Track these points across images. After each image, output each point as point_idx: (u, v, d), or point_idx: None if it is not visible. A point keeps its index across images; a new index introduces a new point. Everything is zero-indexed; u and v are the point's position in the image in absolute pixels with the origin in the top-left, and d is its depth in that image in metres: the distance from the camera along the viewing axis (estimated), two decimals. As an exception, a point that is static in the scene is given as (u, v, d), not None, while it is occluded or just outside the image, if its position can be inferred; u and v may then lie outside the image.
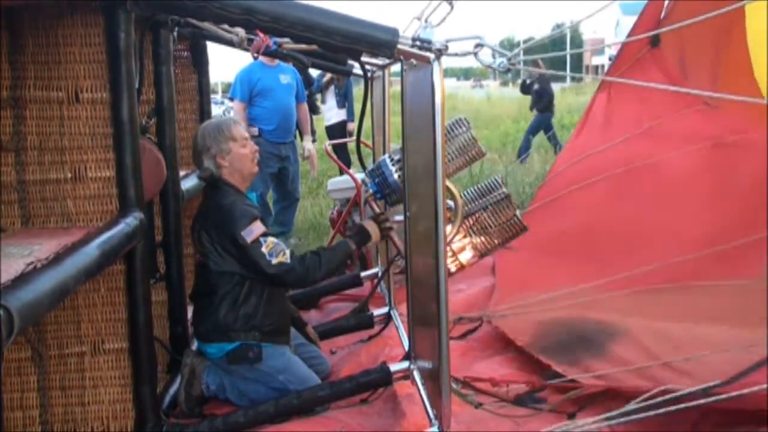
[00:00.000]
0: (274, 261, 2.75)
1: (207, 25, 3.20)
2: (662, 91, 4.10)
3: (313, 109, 8.67)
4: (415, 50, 2.10)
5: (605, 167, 4.32)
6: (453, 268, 2.75)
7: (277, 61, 5.83)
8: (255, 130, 5.89)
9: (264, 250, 2.75)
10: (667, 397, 2.24)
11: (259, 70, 5.88)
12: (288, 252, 2.80)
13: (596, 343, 3.03)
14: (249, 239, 2.75)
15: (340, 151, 7.56)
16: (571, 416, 2.57)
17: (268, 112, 5.93)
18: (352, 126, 8.48)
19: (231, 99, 6.36)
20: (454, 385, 2.71)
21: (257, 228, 2.77)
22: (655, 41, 4.44)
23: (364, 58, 2.93)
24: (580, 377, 2.76)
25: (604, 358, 2.92)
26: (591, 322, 3.22)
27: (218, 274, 2.85)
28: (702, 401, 2.21)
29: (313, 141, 7.35)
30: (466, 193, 2.81)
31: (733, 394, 2.16)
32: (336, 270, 3.03)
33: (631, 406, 2.27)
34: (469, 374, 3.00)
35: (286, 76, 6.04)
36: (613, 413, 2.29)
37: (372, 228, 2.95)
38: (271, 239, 2.79)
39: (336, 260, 2.89)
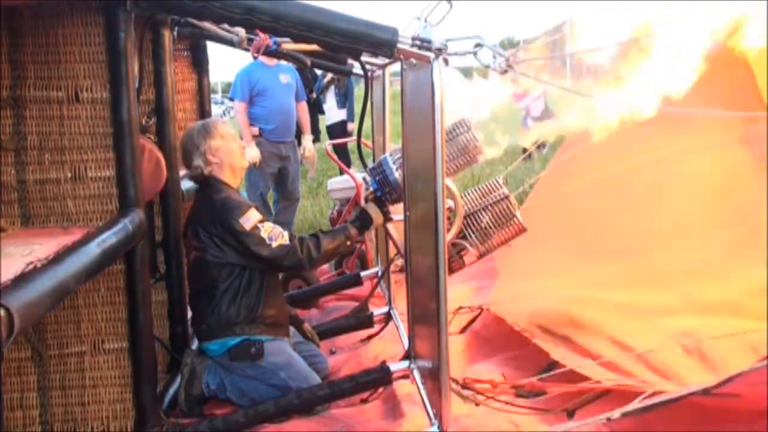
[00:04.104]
0: (274, 244, 2.80)
1: (207, 25, 3.20)
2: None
3: (320, 109, 8.68)
4: (414, 50, 2.10)
5: (603, 162, 4.31)
6: (452, 268, 2.74)
7: (276, 61, 5.83)
8: (255, 130, 5.90)
9: (263, 234, 2.80)
10: (667, 398, 2.24)
11: (258, 70, 5.88)
12: (286, 234, 2.84)
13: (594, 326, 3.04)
14: (247, 226, 2.79)
15: (340, 151, 7.56)
16: (570, 415, 2.57)
17: (269, 112, 5.93)
18: (352, 126, 8.48)
19: (231, 99, 6.36)
20: (453, 386, 2.71)
21: (254, 215, 2.83)
22: None
23: (364, 58, 2.93)
24: (578, 368, 2.76)
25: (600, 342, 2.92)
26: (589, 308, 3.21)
27: (218, 267, 2.86)
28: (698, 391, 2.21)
29: (318, 141, 7.34)
30: (466, 194, 2.81)
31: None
32: (334, 254, 3.07)
33: (630, 407, 2.27)
34: (468, 373, 2.99)
35: (286, 75, 6.04)
36: (614, 413, 2.29)
37: (374, 211, 2.96)
38: (268, 224, 2.85)
39: (334, 244, 2.92)
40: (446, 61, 2.06)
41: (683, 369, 2.69)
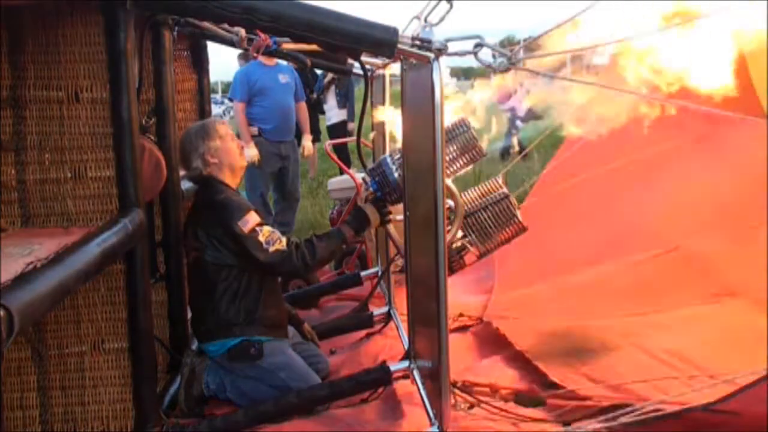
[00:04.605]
0: (271, 249, 2.78)
1: (207, 25, 3.20)
2: None
3: (320, 109, 8.69)
4: (414, 50, 2.10)
5: (602, 159, 4.31)
6: (452, 268, 2.74)
7: (275, 61, 5.84)
8: (255, 130, 5.91)
9: (261, 238, 2.78)
10: (668, 412, 2.24)
11: (257, 70, 5.89)
12: (284, 240, 2.84)
13: (595, 356, 3.03)
14: (246, 229, 2.78)
15: (340, 150, 7.56)
16: (567, 424, 2.56)
17: (268, 112, 5.94)
18: (353, 126, 8.48)
19: (230, 100, 6.38)
20: (452, 389, 2.71)
21: (252, 218, 2.81)
22: None
23: (363, 58, 2.93)
24: (578, 388, 2.75)
25: (601, 370, 2.91)
26: (591, 337, 3.20)
27: (217, 267, 2.86)
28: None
29: (318, 141, 7.34)
30: (466, 193, 2.80)
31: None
32: (330, 258, 3.06)
33: (631, 418, 2.27)
34: (468, 375, 2.99)
35: (285, 75, 6.05)
36: (614, 422, 2.29)
37: (371, 212, 2.94)
38: (266, 228, 2.83)
39: (330, 248, 2.90)
40: None
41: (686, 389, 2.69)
